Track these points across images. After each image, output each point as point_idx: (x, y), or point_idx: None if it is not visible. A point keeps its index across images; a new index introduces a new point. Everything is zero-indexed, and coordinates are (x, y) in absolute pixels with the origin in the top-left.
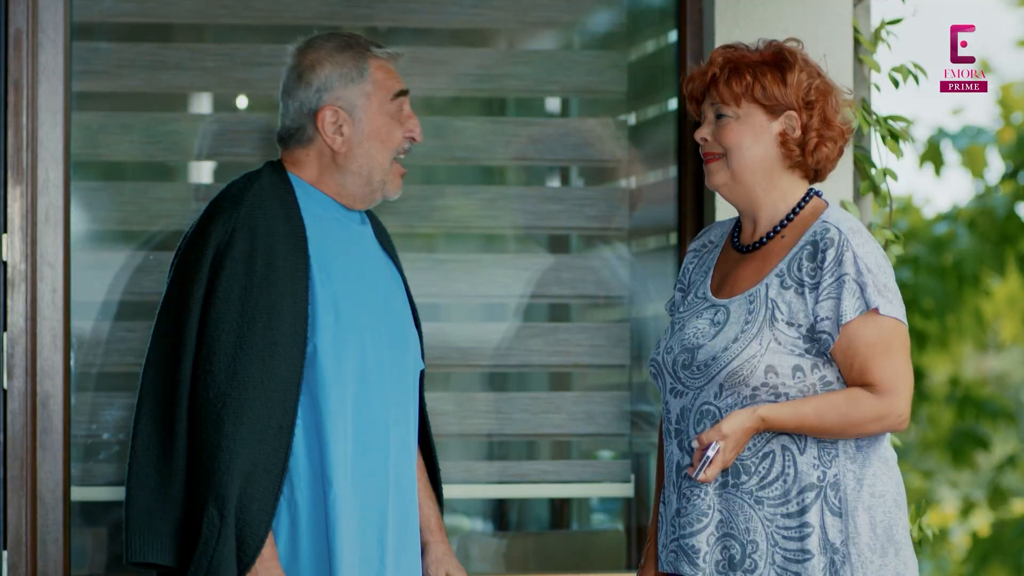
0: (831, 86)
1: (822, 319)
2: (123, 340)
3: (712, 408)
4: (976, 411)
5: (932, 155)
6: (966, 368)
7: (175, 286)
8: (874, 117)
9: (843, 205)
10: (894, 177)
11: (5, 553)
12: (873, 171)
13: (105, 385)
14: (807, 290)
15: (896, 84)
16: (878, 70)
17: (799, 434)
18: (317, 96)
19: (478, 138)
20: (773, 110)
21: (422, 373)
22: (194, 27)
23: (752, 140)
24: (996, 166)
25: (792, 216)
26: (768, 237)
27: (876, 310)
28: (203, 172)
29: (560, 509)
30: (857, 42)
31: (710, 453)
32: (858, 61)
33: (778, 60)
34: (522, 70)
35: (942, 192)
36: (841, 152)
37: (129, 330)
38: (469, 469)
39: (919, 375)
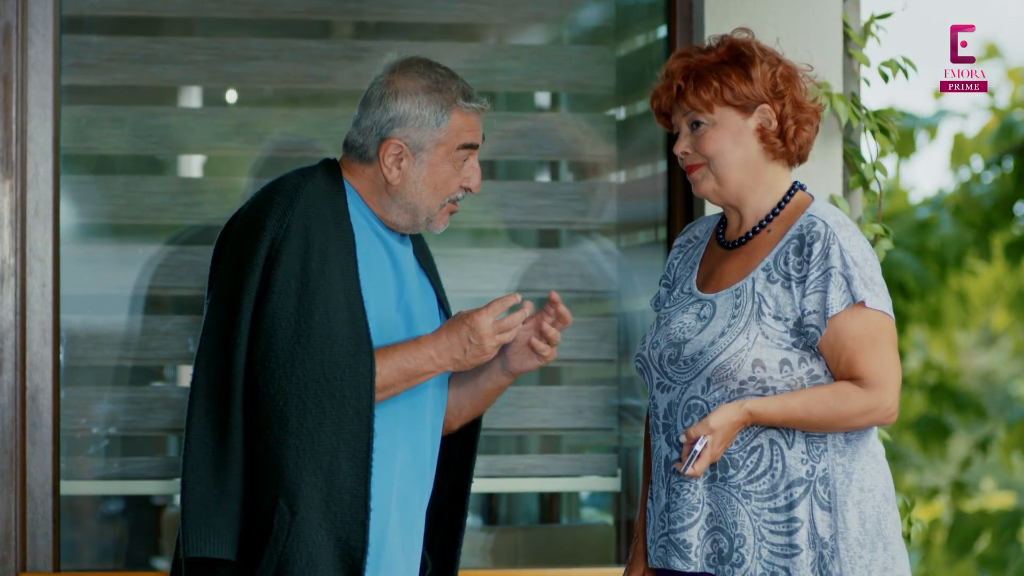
0: (793, 69)
1: (809, 313)
2: (113, 334)
3: (700, 402)
4: (948, 400)
5: (903, 146)
6: (955, 358)
7: (228, 277)
8: (864, 111)
9: (832, 199)
10: (884, 172)
11: None
12: (862, 165)
13: (95, 379)
14: (794, 284)
15: (885, 78)
16: (868, 64)
17: (787, 428)
18: (389, 125)
19: None
20: (745, 108)
21: None
22: (184, 21)
23: (733, 143)
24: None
25: (777, 210)
26: (754, 232)
27: (863, 303)
28: (193, 166)
29: (549, 504)
30: (847, 36)
31: (698, 447)
32: (848, 55)
33: (737, 56)
34: (511, 65)
35: (922, 175)
36: (817, 131)
37: (119, 324)
38: None
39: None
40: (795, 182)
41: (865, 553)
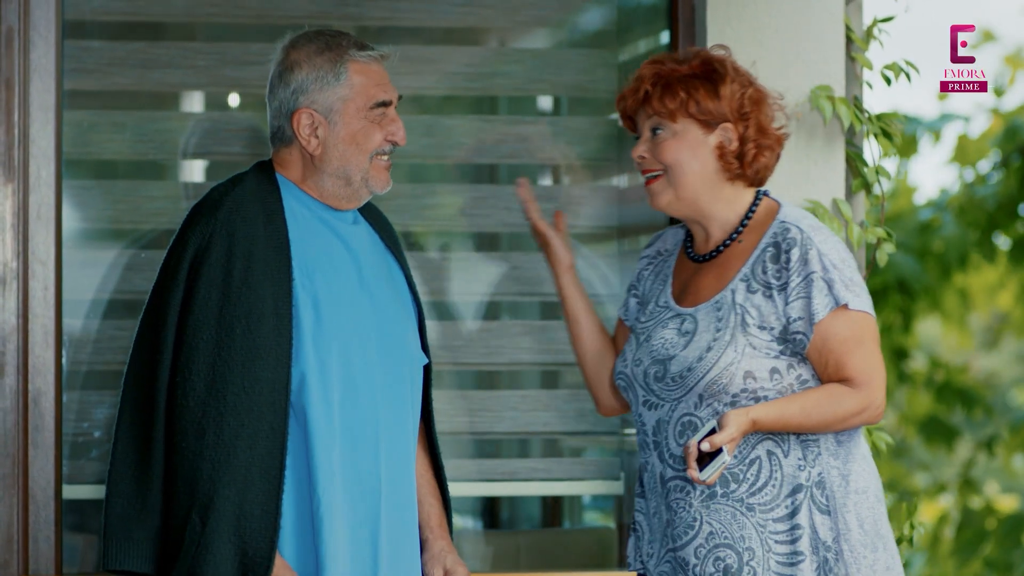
0: (764, 93)
1: (795, 320)
2: (114, 338)
3: (694, 419)
4: (955, 399)
5: (904, 148)
6: (970, 343)
7: (154, 292)
8: (866, 115)
9: (835, 203)
10: (887, 176)
11: None
12: (865, 169)
13: (96, 383)
14: (775, 292)
15: (888, 82)
16: (870, 68)
17: (782, 435)
18: (294, 98)
19: (468, 136)
20: (708, 124)
21: (429, 369)
22: (185, 25)
23: (690, 155)
24: (985, 155)
25: (747, 221)
26: (725, 245)
27: (846, 306)
28: (194, 171)
29: (552, 507)
30: (849, 40)
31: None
32: (850, 59)
33: (709, 72)
34: (512, 69)
35: (926, 176)
36: (778, 158)
37: (120, 328)
38: (459, 467)
39: (901, 355)
40: (758, 189)
41: (868, 553)
